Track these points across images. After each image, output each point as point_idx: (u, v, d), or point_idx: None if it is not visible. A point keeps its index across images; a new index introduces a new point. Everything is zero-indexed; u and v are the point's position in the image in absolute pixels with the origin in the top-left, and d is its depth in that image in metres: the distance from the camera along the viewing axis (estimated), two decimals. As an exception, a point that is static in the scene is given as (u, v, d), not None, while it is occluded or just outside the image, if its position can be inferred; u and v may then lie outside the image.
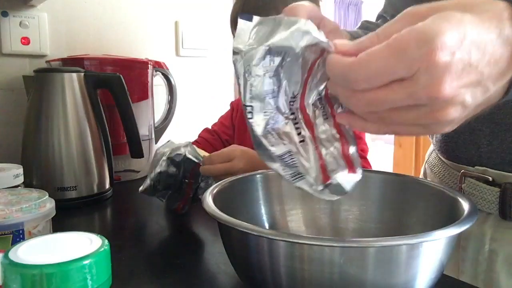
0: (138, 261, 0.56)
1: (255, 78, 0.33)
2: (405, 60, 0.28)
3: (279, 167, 0.36)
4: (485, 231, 0.56)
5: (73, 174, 0.80)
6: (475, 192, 0.56)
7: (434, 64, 0.27)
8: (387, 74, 0.29)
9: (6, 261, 0.26)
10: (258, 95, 0.34)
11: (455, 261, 0.60)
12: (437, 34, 0.27)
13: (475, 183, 0.56)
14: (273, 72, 0.34)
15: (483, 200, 0.55)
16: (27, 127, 0.81)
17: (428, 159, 0.70)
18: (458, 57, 0.27)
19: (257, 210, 0.52)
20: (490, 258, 0.56)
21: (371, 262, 0.33)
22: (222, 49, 1.43)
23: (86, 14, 1.16)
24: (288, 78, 0.35)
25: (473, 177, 0.57)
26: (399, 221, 0.50)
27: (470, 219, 0.37)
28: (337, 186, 0.36)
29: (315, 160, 0.37)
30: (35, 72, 0.83)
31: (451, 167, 0.61)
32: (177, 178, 0.70)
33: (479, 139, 0.56)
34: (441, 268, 0.37)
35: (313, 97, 0.37)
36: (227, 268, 0.51)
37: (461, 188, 0.58)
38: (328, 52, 0.32)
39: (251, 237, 0.36)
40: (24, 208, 0.43)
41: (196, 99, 1.37)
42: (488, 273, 0.56)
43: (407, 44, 0.27)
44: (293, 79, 0.35)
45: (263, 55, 0.32)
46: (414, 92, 0.29)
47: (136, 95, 0.99)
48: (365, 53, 0.29)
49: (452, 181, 0.60)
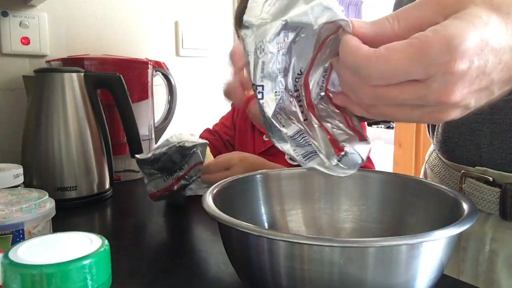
0: (138, 261, 0.56)
1: (268, 55, 0.31)
2: (425, 65, 0.27)
3: (290, 148, 0.34)
4: (485, 231, 0.56)
5: (73, 174, 0.80)
6: (476, 192, 0.56)
7: (451, 71, 0.27)
8: (403, 74, 0.28)
9: (6, 261, 0.26)
10: (270, 74, 0.31)
11: (455, 261, 0.60)
12: (461, 43, 0.26)
13: (475, 184, 0.56)
14: (286, 49, 0.31)
15: (483, 201, 0.55)
16: (27, 127, 0.81)
17: (429, 159, 0.70)
18: (475, 65, 0.27)
19: (257, 210, 0.52)
20: (491, 259, 0.56)
21: (371, 262, 0.33)
22: (222, 49, 1.43)
23: (86, 14, 1.16)
24: (299, 55, 0.33)
25: (474, 177, 0.56)
26: (399, 221, 0.50)
27: (470, 219, 0.37)
28: (351, 156, 0.34)
29: (323, 137, 0.35)
30: (35, 72, 0.83)
31: (452, 168, 0.61)
32: (175, 166, 0.69)
33: (479, 139, 0.56)
34: (441, 268, 0.37)
35: (318, 72, 0.35)
36: (227, 268, 0.51)
37: (462, 188, 0.58)
38: (344, 30, 0.30)
39: (251, 237, 0.36)
40: (24, 208, 0.43)
41: (196, 99, 1.37)
42: (489, 274, 0.56)
43: (430, 49, 0.27)
44: (303, 56, 0.33)
45: (278, 31, 0.30)
46: (424, 95, 0.28)
47: (136, 95, 0.99)
48: (384, 49, 0.28)
49: (453, 181, 0.60)
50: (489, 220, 0.56)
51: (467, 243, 0.58)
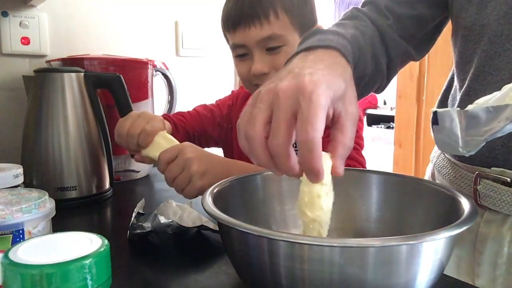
0: (138, 261, 0.56)
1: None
2: None
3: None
4: (503, 233, 0.55)
5: (73, 174, 0.80)
6: (492, 193, 0.55)
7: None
8: None
9: (6, 261, 0.26)
10: None
11: (470, 265, 0.59)
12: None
13: (492, 185, 0.55)
14: None
15: (501, 202, 0.54)
16: (27, 127, 0.81)
17: (436, 161, 0.69)
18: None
19: (257, 210, 0.52)
20: (510, 261, 0.55)
21: (371, 262, 0.33)
22: (222, 49, 1.43)
23: (86, 14, 1.16)
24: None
25: (490, 178, 0.55)
26: (399, 221, 0.50)
27: (470, 220, 0.37)
28: None
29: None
30: (35, 72, 0.83)
31: (464, 169, 0.60)
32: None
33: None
34: (441, 268, 0.37)
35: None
36: (227, 268, 0.51)
37: (476, 190, 0.56)
38: None
39: (251, 237, 0.36)
40: (24, 208, 0.43)
41: (196, 99, 1.37)
42: (507, 277, 0.55)
43: None
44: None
45: None
46: None
47: (136, 95, 0.99)
48: None
49: (465, 182, 0.59)
50: (507, 222, 0.55)
51: (483, 246, 0.57)
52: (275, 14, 0.76)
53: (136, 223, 0.60)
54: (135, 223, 0.60)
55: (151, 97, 1.06)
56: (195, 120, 0.97)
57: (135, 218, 0.62)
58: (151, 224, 0.60)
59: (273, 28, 0.76)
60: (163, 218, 0.61)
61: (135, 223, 0.60)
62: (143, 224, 0.60)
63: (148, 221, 0.61)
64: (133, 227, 0.60)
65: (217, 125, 0.99)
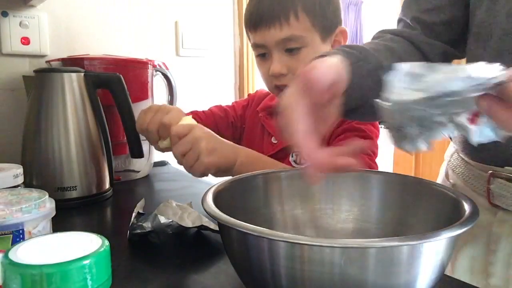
0: (138, 261, 0.56)
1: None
2: None
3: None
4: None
5: (73, 174, 0.80)
6: (506, 193, 0.55)
7: None
8: None
9: (6, 261, 0.26)
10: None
11: (483, 264, 0.58)
12: None
13: (505, 184, 0.55)
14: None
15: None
16: (27, 127, 0.81)
17: (450, 159, 0.68)
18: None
19: (257, 210, 0.52)
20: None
21: (372, 263, 0.33)
22: (222, 49, 1.43)
23: (86, 14, 1.16)
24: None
25: (503, 178, 0.55)
26: (400, 221, 0.50)
27: (472, 220, 0.36)
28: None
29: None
30: (35, 72, 0.83)
31: (477, 168, 0.60)
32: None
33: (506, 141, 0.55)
34: (442, 268, 0.37)
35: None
36: (227, 268, 0.51)
37: (489, 189, 0.56)
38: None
39: (251, 238, 0.36)
40: (24, 208, 0.43)
41: (196, 99, 1.37)
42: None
43: None
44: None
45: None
46: None
47: (136, 95, 0.99)
48: None
49: (478, 182, 0.59)
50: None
51: (497, 246, 0.57)
52: (295, 15, 0.76)
53: (136, 223, 0.61)
54: (135, 223, 0.61)
55: (151, 97, 1.06)
56: (210, 120, 0.99)
57: (135, 218, 0.62)
58: (151, 224, 0.60)
59: (293, 29, 0.76)
60: (163, 218, 0.61)
61: (135, 223, 0.61)
62: (143, 224, 0.60)
63: (148, 221, 0.61)
64: (133, 227, 0.60)
65: (230, 125, 1.02)
